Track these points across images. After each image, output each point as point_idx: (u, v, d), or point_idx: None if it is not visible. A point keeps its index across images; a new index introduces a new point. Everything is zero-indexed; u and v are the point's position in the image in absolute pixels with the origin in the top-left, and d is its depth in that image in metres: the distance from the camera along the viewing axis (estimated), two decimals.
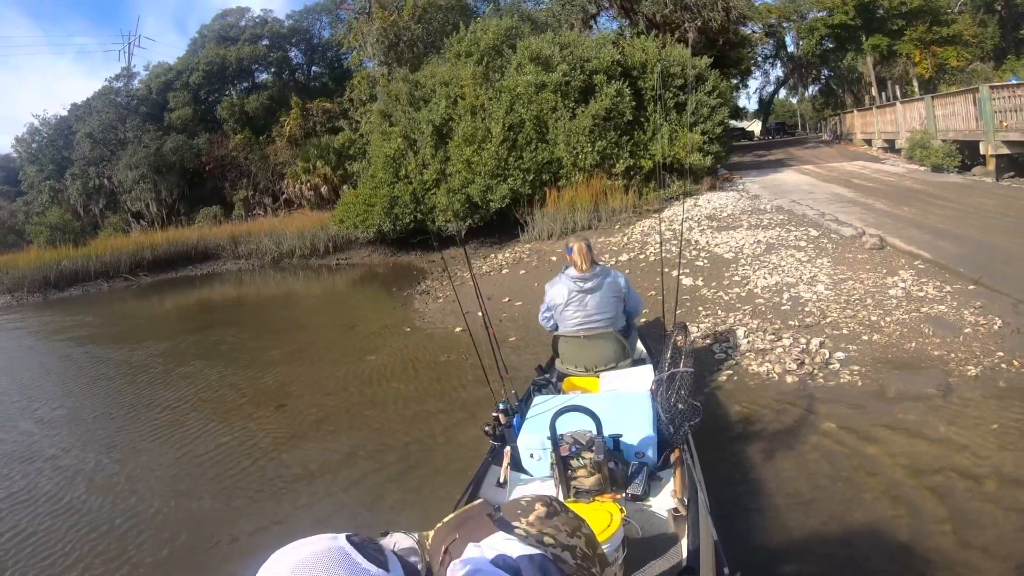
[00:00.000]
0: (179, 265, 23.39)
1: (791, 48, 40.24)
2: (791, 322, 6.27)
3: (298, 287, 17.41)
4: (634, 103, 14.09)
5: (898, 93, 24.84)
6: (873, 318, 5.99)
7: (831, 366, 5.32)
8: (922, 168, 15.63)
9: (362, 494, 4.47)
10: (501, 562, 1.05)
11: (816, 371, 5.29)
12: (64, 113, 36.69)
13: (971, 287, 6.34)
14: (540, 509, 1.23)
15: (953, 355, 5.15)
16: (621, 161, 13.88)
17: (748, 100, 62.95)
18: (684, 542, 2.63)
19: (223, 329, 11.46)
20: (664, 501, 2.86)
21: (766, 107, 52.70)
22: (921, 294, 6.34)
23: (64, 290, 21.30)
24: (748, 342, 6.02)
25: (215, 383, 7.73)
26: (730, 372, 5.59)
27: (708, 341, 6.26)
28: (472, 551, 1.11)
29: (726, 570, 2.32)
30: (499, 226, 14.72)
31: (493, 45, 16.00)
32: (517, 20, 18.49)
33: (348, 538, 1.01)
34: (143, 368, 9.02)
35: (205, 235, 25.68)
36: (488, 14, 22.64)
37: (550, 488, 2.91)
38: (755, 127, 53.27)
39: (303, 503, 4.40)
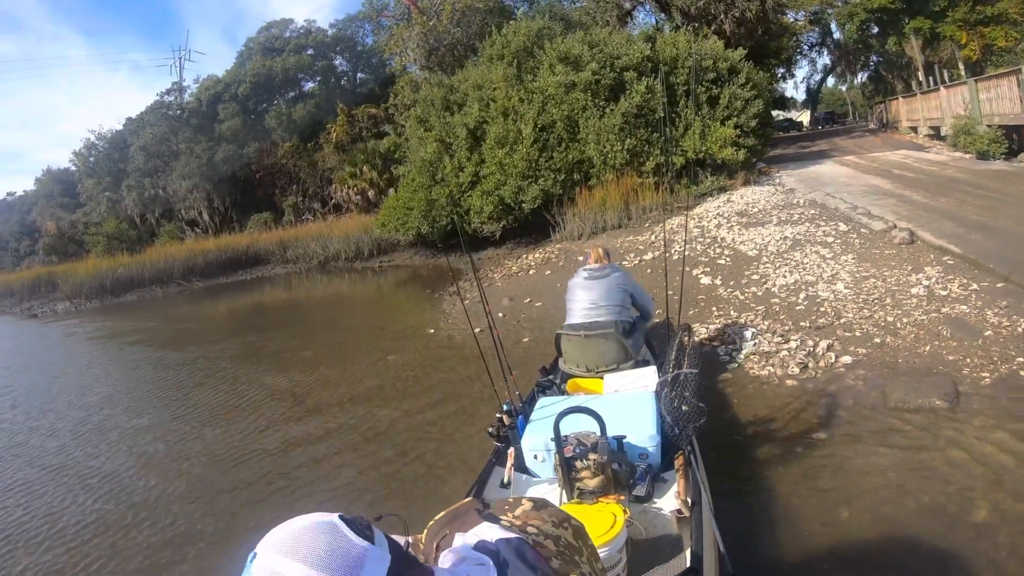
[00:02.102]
0: (230, 270, 24.18)
1: (837, 35, 38.94)
2: (802, 323, 6.15)
3: (341, 289, 17.84)
4: (665, 99, 13.95)
5: (945, 77, 23.85)
6: (889, 319, 5.81)
7: (836, 370, 5.16)
8: (967, 156, 15.00)
9: (354, 493, 4.59)
10: (481, 546, 1.16)
11: (819, 375, 5.15)
12: (119, 127, 38.59)
13: (1000, 285, 6.04)
14: (527, 504, 1.32)
15: (969, 360, 4.89)
16: (651, 159, 13.82)
17: (796, 90, 61.43)
18: (688, 544, 2.66)
19: (268, 332, 11.98)
20: (668, 503, 2.89)
21: (814, 96, 51.08)
22: (944, 293, 6.09)
23: (120, 296, 22.39)
24: (754, 344, 5.93)
25: (253, 385, 8.07)
26: (731, 375, 5.53)
27: (715, 343, 6.20)
28: (459, 540, 1.23)
29: (730, 572, 2.37)
30: (534, 226, 14.76)
31: (524, 46, 16.07)
32: (548, 20, 18.48)
33: (340, 516, 1.12)
34: (207, 372, 9.43)
35: (255, 241, 26.49)
36: (521, 15, 22.65)
37: (554, 489, 2.96)
38: (804, 117, 51.90)
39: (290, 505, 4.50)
